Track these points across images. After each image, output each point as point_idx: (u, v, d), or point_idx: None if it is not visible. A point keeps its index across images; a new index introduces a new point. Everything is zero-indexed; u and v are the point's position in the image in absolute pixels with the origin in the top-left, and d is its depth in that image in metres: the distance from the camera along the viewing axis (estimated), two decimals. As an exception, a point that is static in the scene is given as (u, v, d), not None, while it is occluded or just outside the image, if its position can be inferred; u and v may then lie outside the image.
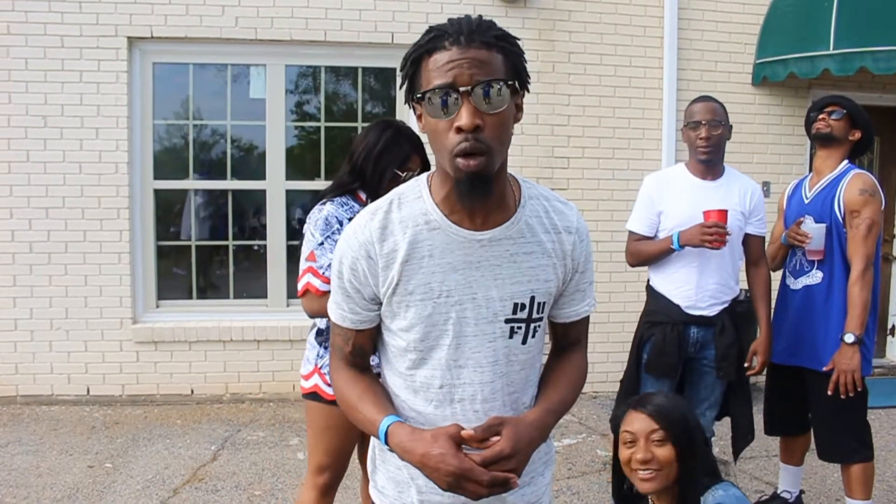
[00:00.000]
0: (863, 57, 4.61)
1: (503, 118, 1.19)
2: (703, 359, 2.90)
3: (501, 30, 1.21)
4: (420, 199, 1.30)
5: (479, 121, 1.15)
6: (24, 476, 3.68)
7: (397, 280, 1.29)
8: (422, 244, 1.28)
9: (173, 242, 5.18)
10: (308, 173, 5.18)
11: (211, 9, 4.82)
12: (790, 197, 3.18)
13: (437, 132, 1.19)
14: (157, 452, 4.04)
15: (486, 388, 1.32)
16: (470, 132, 1.15)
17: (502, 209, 1.29)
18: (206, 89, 5.09)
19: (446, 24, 1.20)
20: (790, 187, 3.23)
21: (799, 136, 5.44)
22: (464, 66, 1.15)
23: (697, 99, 2.97)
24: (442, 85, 1.15)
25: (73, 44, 4.72)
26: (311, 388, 2.38)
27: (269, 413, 4.77)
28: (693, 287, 2.84)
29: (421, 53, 1.19)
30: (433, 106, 1.17)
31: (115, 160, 4.81)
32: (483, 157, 1.17)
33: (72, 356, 4.88)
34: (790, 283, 3.07)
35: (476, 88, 1.15)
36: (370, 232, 1.30)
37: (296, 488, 3.59)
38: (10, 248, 4.78)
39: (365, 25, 4.94)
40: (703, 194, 2.84)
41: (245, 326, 4.98)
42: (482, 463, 1.18)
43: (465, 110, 1.15)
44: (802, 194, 3.08)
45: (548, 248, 1.33)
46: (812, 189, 3.03)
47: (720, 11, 5.31)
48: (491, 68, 1.16)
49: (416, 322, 1.30)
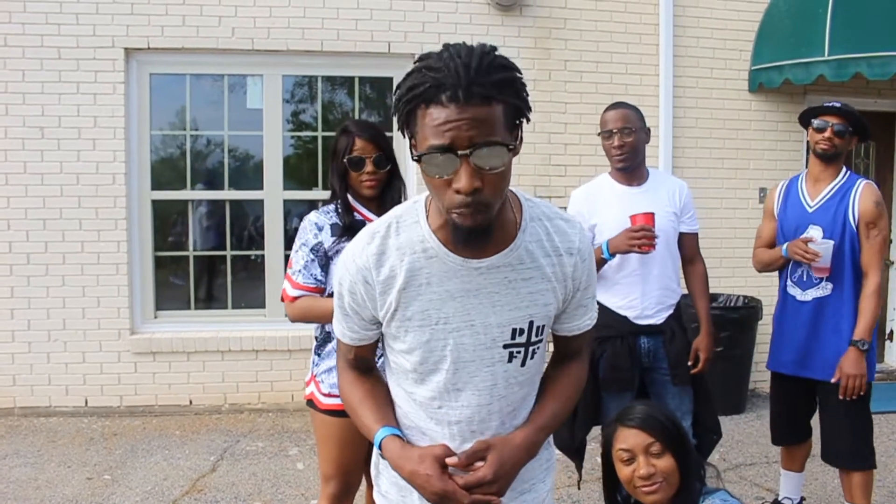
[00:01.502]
0: (858, 63, 4.63)
1: (503, 176, 1.15)
2: (659, 368, 2.87)
3: (502, 69, 1.12)
4: (417, 224, 1.30)
5: (478, 183, 1.11)
6: (22, 488, 3.66)
7: (395, 306, 1.29)
8: (419, 272, 1.27)
9: (171, 253, 5.17)
10: (305, 183, 5.18)
11: (208, 20, 4.83)
12: (784, 200, 3.09)
13: (435, 187, 1.16)
14: (156, 464, 4.03)
15: (483, 409, 1.34)
16: (469, 195, 1.12)
17: (501, 235, 1.27)
18: (203, 100, 5.10)
19: (442, 69, 1.10)
20: (780, 188, 3.13)
21: (795, 141, 5.46)
22: (462, 128, 1.08)
23: (610, 107, 2.93)
24: (439, 147, 1.10)
25: (70, 55, 4.73)
26: (309, 396, 2.42)
27: (268, 423, 4.76)
28: (638, 296, 2.82)
29: (417, 103, 1.13)
30: (430, 167, 1.13)
31: (113, 171, 4.81)
32: (480, 215, 1.15)
33: (70, 367, 4.86)
34: (796, 294, 3.00)
35: (475, 152, 1.10)
36: (367, 257, 1.30)
37: (296, 499, 3.58)
38: (8, 260, 4.77)
39: (361, 35, 4.95)
40: (631, 200, 2.82)
41: (243, 336, 4.97)
42: (465, 487, 1.24)
43: (463, 173, 1.10)
44: (802, 201, 3.00)
45: (547, 273, 1.31)
46: (815, 197, 2.96)
47: (715, 18, 5.33)
48: (491, 127, 1.10)
49: (415, 346, 1.31)
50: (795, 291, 3.01)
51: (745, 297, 5.17)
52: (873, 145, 5.88)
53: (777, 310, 3.12)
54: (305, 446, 4.30)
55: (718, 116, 5.36)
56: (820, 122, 2.91)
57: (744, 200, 5.42)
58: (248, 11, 4.86)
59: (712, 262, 5.22)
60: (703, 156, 5.33)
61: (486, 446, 1.27)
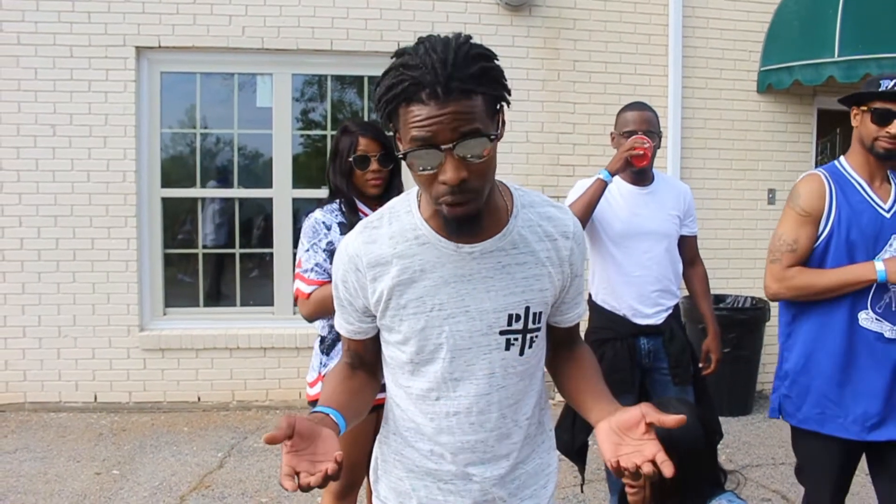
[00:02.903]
0: (867, 64, 4.61)
1: (488, 164, 1.17)
2: (660, 369, 2.87)
3: (479, 59, 1.13)
4: (409, 213, 1.31)
5: (464, 173, 1.13)
6: (31, 482, 3.70)
7: (388, 295, 1.30)
8: (412, 259, 1.28)
9: (180, 250, 5.20)
10: (314, 181, 5.20)
11: (218, 18, 4.86)
12: (840, 201, 2.21)
13: (422, 181, 1.18)
14: (164, 459, 4.06)
15: (482, 400, 1.33)
16: (455, 186, 1.14)
17: (493, 222, 1.28)
18: (213, 98, 5.13)
19: (419, 66, 1.10)
20: (828, 187, 2.21)
21: (804, 143, 5.44)
22: (444, 123, 1.10)
23: (630, 106, 2.89)
24: (423, 143, 1.12)
25: (81, 54, 4.77)
26: (316, 396, 2.41)
27: (276, 420, 4.78)
28: (638, 297, 2.83)
29: (398, 102, 1.14)
30: (416, 163, 1.15)
31: (123, 168, 4.84)
32: (469, 203, 1.17)
33: (79, 363, 4.90)
34: (882, 329, 2.17)
35: (459, 144, 1.11)
36: (358, 246, 1.31)
37: (302, 495, 3.60)
38: (19, 256, 4.81)
39: (371, 35, 4.97)
40: (637, 200, 2.84)
41: (252, 334, 5.00)
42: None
43: (448, 166, 1.12)
44: (873, 203, 2.19)
45: (542, 258, 1.32)
46: (887, 200, 2.20)
47: (725, 19, 5.32)
48: (473, 118, 1.11)
49: (411, 336, 1.31)
50: (880, 326, 2.18)
51: (752, 299, 5.16)
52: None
53: (831, 351, 2.21)
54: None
55: (727, 117, 5.35)
56: (883, 110, 2.13)
57: (752, 202, 5.40)
58: (259, 10, 4.88)
59: (720, 264, 5.25)
60: (711, 157, 5.32)
61: (640, 415, 1.16)
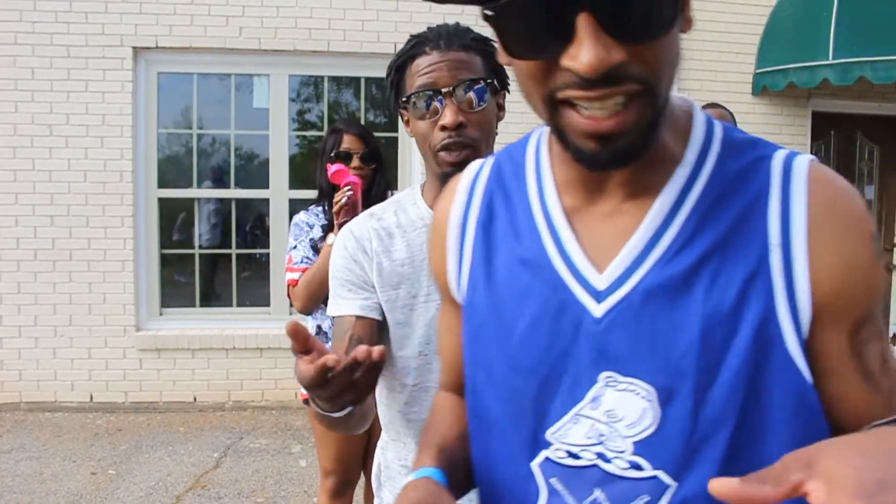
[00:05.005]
0: (862, 66, 4.63)
1: (486, 115, 1.23)
2: None
3: (479, 34, 1.25)
4: (415, 205, 1.33)
5: (462, 118, 1.20)
6: (27, 482, 3.70)
7: (398, 283, 1.28)
8: (421, 247, 1.29)
9: (177, 250, 5.21)
10: (311, 182, 5.14)
11: (215, 19, 4.87)
12: None
13: (423, 133, 1.24)
14: (160, 459, 4.06)
15: None
16: (453, 129, 1.20)
17: None
18: (210, 99, 5.14)
19: (426, 31, 1.25)
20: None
21: (799, 145, 5.46)
22: (444, 69, 1.20)
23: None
24: (424, 87, 1.21)
25: (78, 54, 4.77)
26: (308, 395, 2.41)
27: (272, 421, 4.79)
28: None
29: (404, 60, 1.25)
30: (417, 108, 1.23)
31: (120, 169, 4.85)
32: (467, 150, 1.21)
33: (75, 363, 4.90)
34: None
35: (457, 88, 1.20)
36: (368, 229, 1.31)
37: (298, 496, 3.61)
38: (16, 256, 4.81)
39: (367, 36, 4.98)
40: None
41: (248, 334, 5.00)
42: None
43: (448, 110, 1.20)
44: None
45: None
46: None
47: (720, 21, 5.33)
48: (471, 68, 1.22)
49: (421, 326, 1.29)
50: None
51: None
52: (877, 149, 5.88)
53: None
54: (308, 444, 4.32)
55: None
56: None
57: (747, 203, 5.42)
58: (256, 11, 4.89)
59: (715, 265, 5.26)
60: (706, 158, 5.33)
61: None
